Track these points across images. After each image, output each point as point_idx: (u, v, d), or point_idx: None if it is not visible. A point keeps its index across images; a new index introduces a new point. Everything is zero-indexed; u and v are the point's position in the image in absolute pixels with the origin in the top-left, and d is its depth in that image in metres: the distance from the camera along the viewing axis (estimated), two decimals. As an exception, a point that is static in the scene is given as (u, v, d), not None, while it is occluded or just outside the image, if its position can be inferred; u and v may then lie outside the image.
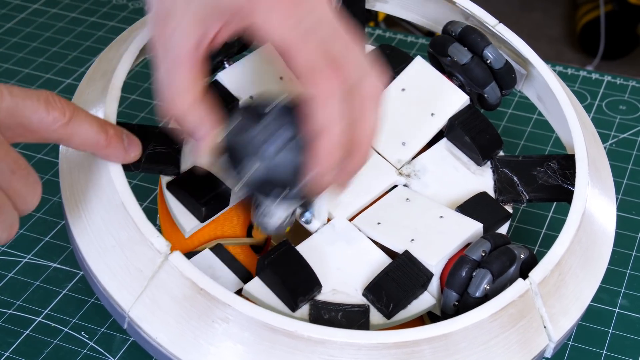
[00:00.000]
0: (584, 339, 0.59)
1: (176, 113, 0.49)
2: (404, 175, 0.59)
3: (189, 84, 0.48)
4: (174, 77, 0.48)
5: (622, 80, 0.82)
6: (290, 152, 0.48)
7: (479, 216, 0.56)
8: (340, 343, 0.47)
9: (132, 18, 0.88)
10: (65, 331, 0.59)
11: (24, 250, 0.64)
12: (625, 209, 0.69)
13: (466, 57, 0.60)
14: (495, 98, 0.61)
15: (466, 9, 0.62)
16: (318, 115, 0.47)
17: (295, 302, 0.50)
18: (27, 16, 0.88)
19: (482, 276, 0.51)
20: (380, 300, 0.51)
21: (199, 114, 0.49)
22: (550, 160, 0.59)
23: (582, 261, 0.54)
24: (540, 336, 0.51)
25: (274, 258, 0.51)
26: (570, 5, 2.02)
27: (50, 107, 0.46)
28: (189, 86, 0.48)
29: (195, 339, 0.48)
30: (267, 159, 0.48)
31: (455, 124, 0.60)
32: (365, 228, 0.55)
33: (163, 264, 0.49)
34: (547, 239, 0.66)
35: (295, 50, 0.47)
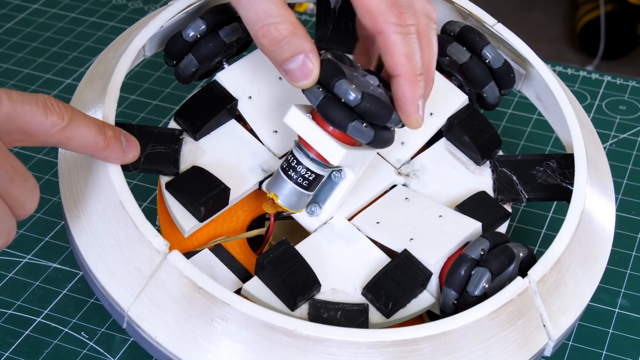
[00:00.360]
0: (584, 339, 0.59)
1: (279, 36, 0.49)
2: (403, 175, 0.59)
3: (284, 2, 0.49)
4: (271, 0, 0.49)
5: (622, 80, 0.82)
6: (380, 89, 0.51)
7: (478, 215, 0.56)
8: (339, 341, 0.47)
9: (132, 18, 0.88)
10: (65, 331, 0.59)
11: (24, 250, 0.64)
12: (625, 209, 0.69)
13: (465, 57, 0.60)
14: (494, 98, 0.61)
15: (465, 9, 0.62)
16: (403, 46, 0.50)
17: (294, 301, 0.50)
18: (27, 16, 0.88)
19: (481, 275, 0.51)
20: (380, 299, 0.52)
21: (304, 32, 0.49)
22: (549, 160, 0.59)
23: (582, 259, 0.54)
24: (540, 334, 0.51)
25: (273, 257, 0.51)
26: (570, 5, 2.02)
27: (49, 112, 0.46)
28: (285, 4, 0.49)
29: (195, 338, 0.48)
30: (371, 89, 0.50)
31: (454, 124, 0.60)
32: (365, 227, 0.55)
33: (162, 263, 0.49)
34: (547, 239, 0.66)
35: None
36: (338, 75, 0.49)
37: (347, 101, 0.49)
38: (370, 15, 0.50)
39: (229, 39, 0.58)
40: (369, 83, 0.51)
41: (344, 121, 0.50)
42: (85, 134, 0.48)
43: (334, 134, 0.51)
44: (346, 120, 0.50)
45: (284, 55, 0.49)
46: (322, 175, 0.53)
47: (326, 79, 0.50)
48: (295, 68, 0.49)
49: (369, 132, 0.50)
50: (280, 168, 0.53)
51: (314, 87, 0.50)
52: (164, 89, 0.79)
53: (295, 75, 0.50)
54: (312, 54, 0.49)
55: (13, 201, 0.44)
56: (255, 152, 0.57)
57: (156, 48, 0.59)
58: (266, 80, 0.59)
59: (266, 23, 0.49)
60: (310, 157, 0.52)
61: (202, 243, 0.55)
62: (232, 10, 0.58)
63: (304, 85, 0.50)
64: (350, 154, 0.52)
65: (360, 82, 0.51)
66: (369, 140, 0.51)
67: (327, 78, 0.50)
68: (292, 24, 0.49)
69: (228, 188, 0.55)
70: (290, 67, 0.50)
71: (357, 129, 0.50)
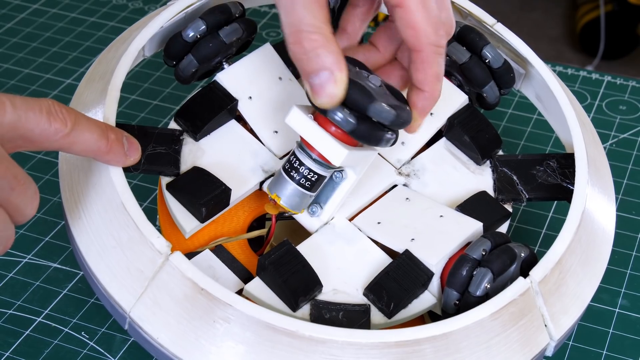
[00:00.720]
0: (584, 339, 0.59)
1: (309, 46, 0.48)
2: (403, 175, 0.59)
3: (326, 17, 0.49)
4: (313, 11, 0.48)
5: (622, 80, 0.82)
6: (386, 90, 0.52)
7: (478, 215, 0.56)
8: (341, 342, 0.47)
9: (132, 18, 0.88)
10: (65, 331, 0.59)
11: (24, 250, 0.64)
12: (625, 209, 0.69)
13: (465, 57, 0.60)
14: (494, 97, 0.61)
15: (464, 9, 0.62)
16: (435, 66, 0.52)
17: (296, 301, 0.50)
18: (27, 16, 0.88)
19: (483, 275, 0.51)
20: (381, 299, 0.51)
21: (335, 49, 0.48)
22: (549, 159, 0.59)
23: (582, 260, 0.54)
24: (541, 335, 0.51)
25: (275, 258, 0.51)
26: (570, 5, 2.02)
27: (52, 118, 0.45)
28: (327, 19, 0.49)
29: (197, 339, 0.48)
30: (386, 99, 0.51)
31: (455, 124, 0.60)
32: (366, 228, 0.55)
33: (164, 264, 0.49)
34: (547, 239, 0.66)
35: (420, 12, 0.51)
36: (369, 99, 0.49)
37: (382, 121, 0.50)
38: (414, 32, 0.51)
39: (229, 39, 0.57)
40: (377, 87, 0.51)
41: (379, 137, 0.51)
42: (87, 139, 0.47)
43: (336, 135, 0.51)
44: (381, 135, 0.51)
45: (310, 66, 0.48)
46: (325, 176, 0.53)
47: (357, 103, 0.49)
48: (318, 84, 0.48)
49: (393, 137, 0.51)
50: (282, 169, 0.53)
51: (342, 112, 0.49)
52: (164, 89, 0.79)
53: (316, 91, 0.48)
54: (338, 73, 0.48)
55: (13, 209, 0.44)
56: (255, 153, 0.57)
57: (156, 48, 0.59)
58: (266, 80, 0.59)
59: (299, 29, 0.48)
60: (312, 157, 0.52)
61: (202, 244, 0.55)
62: (232, 11, 0.58)
63: (324, 105, 0.49)
64: (352, 155, 0.52)
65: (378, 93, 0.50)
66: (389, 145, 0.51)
67: (359, 103, 0.49)
68: (326, 37, 0.48)
69: (229, 189, 0.55)
70: (315, 81, 0.48)
71: (387, 139, 0.51)
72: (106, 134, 0.49)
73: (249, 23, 0.59)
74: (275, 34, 0.87)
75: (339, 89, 0.48)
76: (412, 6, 0.50)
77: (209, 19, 0.57)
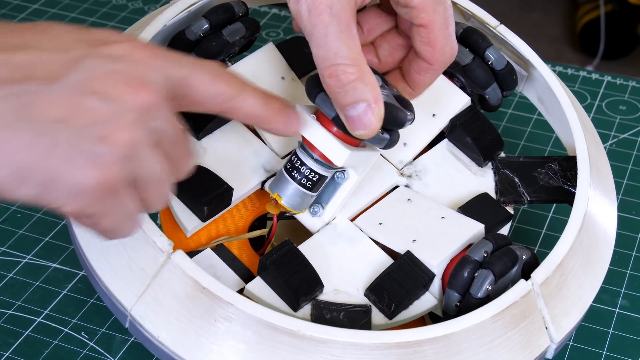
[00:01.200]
0: (584, 339, 0.59)
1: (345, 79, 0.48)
2: (405, 176, 0.59)
3: (359, 47, 0.49)
4: (346, 42, 0.48)
5: (622, 80, 0.82)
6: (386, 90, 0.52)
7: (480, 217, 0.56)
8: (342, 343, 0.47)
9: (132, 18, 0.88)
10: (65, 331, 0.59)
11: (24, 250, 0.64)
12: (626, 209, 0.69)
13: (468, 58, 0.60)
14: (497, 99, 0.61)
15: (467, 10, 0.62)
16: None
17: (297, 301, 0.50)
18: (27, 16, 0.88)
19: (484, 277, 0.51)
20: (382, 300, 0.51)
21: (372, 80, 0.49)
22: (551, 162, 0.59)
23: (584, 262, 0.54)
24: (542, 337, 0.51)
25: (276, 257, 0.51)
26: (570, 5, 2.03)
27: (217, 80, 0.45)
28: (359, 49, 0.49)
29: (198, 338, 0.48)
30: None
31: (457, 125, 0.60)
32: (367, 228, 0.55)
33: (166, 262, 0.49)
34: (547, 240, 0.66)
35: None
36: None
37: None
38: (431, 49, 0.53)
39: (232, 38, 0.57)
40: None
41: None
42: (252, 105, 0.47)
43: (338, 135, 0.51)
44: None
45: (347, 100, 0.48)
46: (326, 176, 0.53)
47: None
48: (355, 115, 0.49)
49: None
50: (284, 169, 0.53)
51: (328, 99, 0.49)
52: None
53: (354, 123, 0.49)
54: (375, 105, 0.48)
55: (175, 164, 0.44)
56: (257, 152, 0.57)
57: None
58: (269, 79, 0.59)
59: (335, 63, 0.48)
60: (314, 157, 0.52)
61: (204, 243, 0.55)
62: (235, 10, 0.58)
63: (362, 136, 0.49)
64: (354, 155, 0.52)
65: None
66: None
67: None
68: (361, 69, 0.48)
69: (231, 188, 0.54)
70: (351, 113, 0.49)
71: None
72: (270, 102, 0.48)
73: (252, 22, 0.59)
74: (275, 34, 0.86)
75: (376, 120, 0.49)
76: (437, 27, 0.51)
77: (212, 18, 0.57)
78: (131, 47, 0.42)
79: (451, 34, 0.53)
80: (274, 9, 0.90)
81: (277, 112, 0.48)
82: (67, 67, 0.40)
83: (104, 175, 0.39)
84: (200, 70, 0.45)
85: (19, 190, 0.39)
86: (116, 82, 0.40)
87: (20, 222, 0.66)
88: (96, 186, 0.39)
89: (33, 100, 0.39)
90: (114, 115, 0.40)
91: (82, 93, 0.39)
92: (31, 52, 0.40)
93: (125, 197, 0.41)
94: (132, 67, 0.41)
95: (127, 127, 0.40)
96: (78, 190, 0.39)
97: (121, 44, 0.42)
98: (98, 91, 0.40)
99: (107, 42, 0.42)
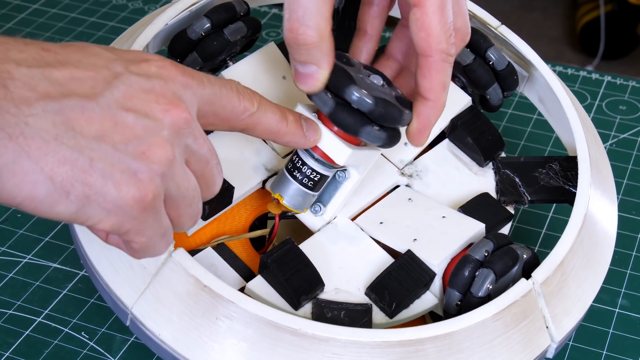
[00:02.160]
0: (584, 339, 0.59)
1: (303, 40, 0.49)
2: (406, 176, 0.59)
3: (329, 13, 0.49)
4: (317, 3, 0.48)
5: (622, 80, 0.82)
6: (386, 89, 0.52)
7: (481, 217, 0.56)
8: (343, 341, 0.47)
9: (132, 18, 0.88)
10: (65, 331, 0.58)
11: (24, 250, 0.64)
12: (626, 209, 0.69)
13: (469, 58, 0.60)
14: (498, 99, 0.61)
15: (468, 11, 0.62)
16: (442, 74, 0.51)
17: (298, 300, 0.50)
18: (27, 16, 0.88)
19: (485, 276, 0.51)
20: (383, 299, 0.51)
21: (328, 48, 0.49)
22: (551, 162, 0.59)
23: (584, 262, 0.54)
24: (543, 336, 0.51)
25: (277, 256, 0.51)
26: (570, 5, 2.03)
27: (242, 96, 0.46)
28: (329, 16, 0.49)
29: (199, 336, 0.48)
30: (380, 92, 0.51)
31: (458, 125, 0.60)
32: (368, 227, 0.55)
33: (167, 261, 0.49)
34: (547, 239, 0.66)
35: None
36: (348, 82, 0.49)
37: (360, 107, 0.49)
38: (426, 35, 0.50)
39: (234, 37, 0.58)
40: (376, 85, 0.51)
41: (357, 126, 0.50)
42: (270, 120, 0.48)
43: (340, 134, 0.51)
44: (358, 125, 0.50)
45: (299, 57, 0.50)
46: (327, 176, 0.53)
47: (337, 85, 0.50)
48: (303, 72, 0.50)
49: (382, 135, 0.50)
50: (285, 168, 0.53)
51: (323, 94, 0.50)
52: (164, 89, 0.79)
53: (300, 78, 0.50)
54: (324, 71, 0.50)
55: (205, 183, 0.44)
56: (258, 151, 0.57)
57: (160, 46, 0.59)
58: (270, 78, 0.59)
59: (299, 22, 0.49)
60: (315, 157, 0.52)
61: (204, 242, 0.55)
62: (237, 9, 0.58)
63: (303, 91, 0.51)
64: (356, 154, 0.52)
65: (368, 85, 0.51)
66: (381, 143, 0.51)
67: (338, 85, 0.50)
68: (321, 36, 0.49)
69: (232, 187, 0.55)
70: (299, 69, 0.50)
71: (371, 134, 0.50)
72: (285, 115, 0.49)
73: (254, 22, 0.59)
74: (276, 34, 0.86)
75: (320, 84, 0.50)
76: (430, 8, 0.50)
77: (213, 17, 0.57)
78: (163, 66, 0.43)
79: (447, 23, 0.51)
80: (274, 9, 0.90)
81: (293, 124, 0.49)
82: (105, 85, 0.40)
83: (141, 192, 0.40)
84: (226, 88, 0.45)
85: (58, 207, 0.39)
86: (151, 100, 0.41)
87: (20, 222, 0.66)
88: (134, 202, 0.40)
89: (72, 116, 0.39)
90: (150, 132, 0.40)
91: (120, 110, 0.40)
92: (70, 68, 0.40)
93: (160, 215, 0.42)
94: (165, 85, 0.42)
95: (163, 144, 0.40)
96: (116, 206, 0.40)
97: (153, 62, 0.43)
98: (134, 109, 0.40)
99: (140, 60, 0.42)
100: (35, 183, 0.38)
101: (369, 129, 0.50)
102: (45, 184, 0.39)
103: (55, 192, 0.39)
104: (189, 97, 0.43)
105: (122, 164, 0.40)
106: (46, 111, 0.39)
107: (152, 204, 0.40)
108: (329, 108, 0.50)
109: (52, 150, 0.38)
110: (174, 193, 0.42)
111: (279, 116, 0.48)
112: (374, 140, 0.51)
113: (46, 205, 0.39)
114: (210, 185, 0.45)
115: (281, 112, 0.49)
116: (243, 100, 0.46)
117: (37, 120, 0.38)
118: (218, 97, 0.45)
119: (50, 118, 0.39)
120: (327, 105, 0.50)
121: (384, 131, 0.51)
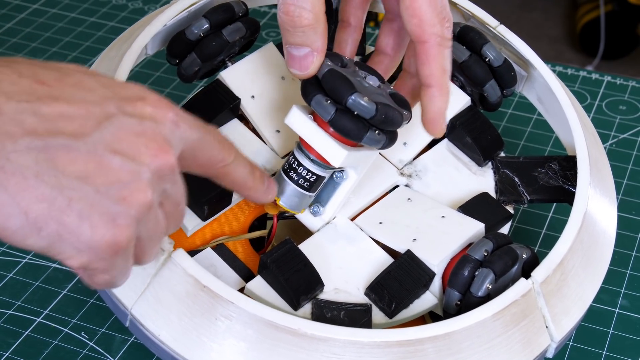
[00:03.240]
0: (584, 339, 0.59)
1: (298, 22, 0.49)
2: (405, 176, 0.59)
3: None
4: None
5: (622, 80, 0.82)
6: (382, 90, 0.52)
7: (480, 216, 0.56)
8: (343, 341, 0.47)
9: (132, 18, 0.88)
10: (65, 331, 0.59)
11: (23, 250, 0.64)
12: (626, 209, 0.69)
13: (464, 55, 0.60)
14: (496, 97, 0.61)
15: (467, 10, 0.62)
16: (442, 59, 0.51)
17: (297, 300, 0.50)
18: (27, 16, 0.88)
19: (485, 276, 0.51)
20: (383, 299, 0.51)
21: (322, 30, 0.49)
22: (551, 162, 0.59)
23: (584, 261, 0.54)
24: (542, 336, 0.51)
25: (277, 256, 0.51)
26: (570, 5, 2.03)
27: (222, 146, 0.46)
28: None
29: (198, 337, 0.48)
30: (377, 95, 0.50)
31: (457, 125, 0.60)
32: (367, 227, 0.55)
33: (166, 261, 0.49)
34: (547, 239, 0.66)
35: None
36: (350, 90, 0.49)
37: (361, 114, 0.49)
38: (419, 21, 0.50)
39: (232, 37, 0.58)
40: (374, 87, 0.51)
41: (359, 133, 0.50)
42: (240, 173, 0.47)
43: (335, 135, 0.51)
44: (361, 131, 0.50)
45: (294, 40, 0.50)
46: (323, 177, 0.53)
47: (338, 93, 0.49)
48: (296, 56, 0.50)
49: (382, 139, 0.51)
50: (282, 169, 0.53)
51: (323, 101, 0.50)
52: (164, 89, 0.79)
53: (294, 62, 0.50)
54: (318, 54, 0.50)
55: (172, 222, 0.44)
56: (258, 152, 0.57)
57: (158, 47, 0.59)
58: (269, 79, 0.59)
59: (295, 4, 0.49)
60: (310, 158, 0.52)
61: (204, 242, 0.55)
62: (235, 9, 0.58)
63: (296, 75, 0.51)
64: (352, 155, 0.52)
65: (367, 89, 0.50)
66: (380, 146, 0.51)
67: (339, 93, 0.49)
68: (317, 17, 0.49)
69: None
70: (293, 52, 0.50)
71: (371, 139, 0.50)
72: (253, 170, 0.49)
73: (252, 22, 0.59)
74: (275, 34, 0.87)
75: (314, 68, 0.50)
76: None
77: (212, 18, 0.57)
78: (158, 106, 0.42)
79: (438, 7, 0.50)
80: (274, 9, 0.90)
81: (257, 180, 0.49)
82: (94, 125, 0.40)
83: (116, 237, 0.40)
84: (210, 136, 0.45)
85: (29, 240, 0.39)
86: (140, 144, 0.41)
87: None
88: (107, 246, 0.40)
89: (57, 154, 0.39)
90: (134, 177, 0.40)
91: (106, 152, 0.40)
92: (62, 104, 0.40)
93: (129, 257, 0.42)
94: (157, 128, 0.41)
95: (145, 189, 0.40)
96: (89, 247, 0.40)
97: (149, 101, 0.42)
98: (122, 151, 0.40)
99: (136, 99, 0.42)
100: (9, 216, 0.38)
101: (370, 134, 0.50)
102: (18, 218, 0.38)
103: (28, 226, 0.39)
104: (176, 141, 0.42)
105: (102, 207, 0.39)
106: (30, 148, 0.38)
107: (124, 249, 0.40)
108: (330, 115, 0.50)
109: (30, 186, 0.38)
110: (144, 235, 0.42)
111: (249, 170, 0.48)
112: (374, 144, 0.51)
113: (18, 237, 0.39)
114: (176, 225, 0.44)
115: (250, 167, 0.48)
116: (222, 150, 0.46)
117: (20, 156, 0.38)
118: (202, 144, 0.44)
119: (33, 155, 0.38)
120: (328, 113, 0.50)
121: (383, 134, 0.51)
